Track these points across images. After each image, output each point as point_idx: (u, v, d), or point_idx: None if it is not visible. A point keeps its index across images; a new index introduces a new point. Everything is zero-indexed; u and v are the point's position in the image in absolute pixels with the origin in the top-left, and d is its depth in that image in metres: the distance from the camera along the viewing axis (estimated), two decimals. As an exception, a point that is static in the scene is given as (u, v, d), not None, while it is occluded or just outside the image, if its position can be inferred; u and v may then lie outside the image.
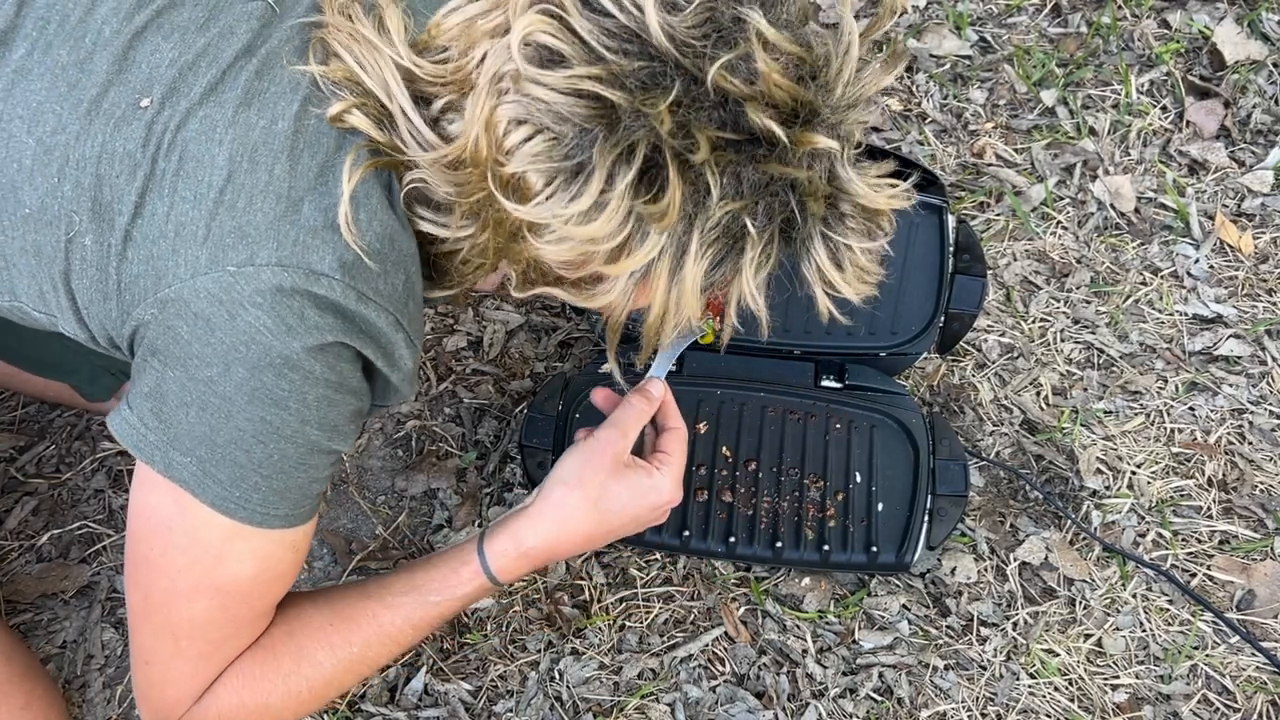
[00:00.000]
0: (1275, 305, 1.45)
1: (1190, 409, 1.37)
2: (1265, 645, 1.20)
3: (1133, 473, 1.33)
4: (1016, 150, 1.60)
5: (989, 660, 1.21)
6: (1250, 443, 1.35)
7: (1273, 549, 1.27)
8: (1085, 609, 1.24)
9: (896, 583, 1.26)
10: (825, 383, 1.30)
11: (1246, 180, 1.55)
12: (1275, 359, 1.41)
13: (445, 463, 1.36)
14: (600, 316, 0.81)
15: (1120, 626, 1.23)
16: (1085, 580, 1.26)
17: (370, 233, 0.76)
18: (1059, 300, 1.47)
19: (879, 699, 1.19)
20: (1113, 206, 1.54)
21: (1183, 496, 1.31)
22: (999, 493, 1.33)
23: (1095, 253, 1.50)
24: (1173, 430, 1.36)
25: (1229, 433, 1.35)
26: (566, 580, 1.27)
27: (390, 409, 1.40)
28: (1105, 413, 1.37)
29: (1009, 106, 1.65)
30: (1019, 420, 1.37)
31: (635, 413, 0.99)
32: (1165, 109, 1.62)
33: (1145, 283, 1.48)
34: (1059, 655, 1.21)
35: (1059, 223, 1.53)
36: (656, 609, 1.25)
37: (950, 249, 1.29)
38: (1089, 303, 1.46)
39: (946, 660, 1.21)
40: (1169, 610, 1.24)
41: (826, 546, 1.20)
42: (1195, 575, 1.26)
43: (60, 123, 0.76)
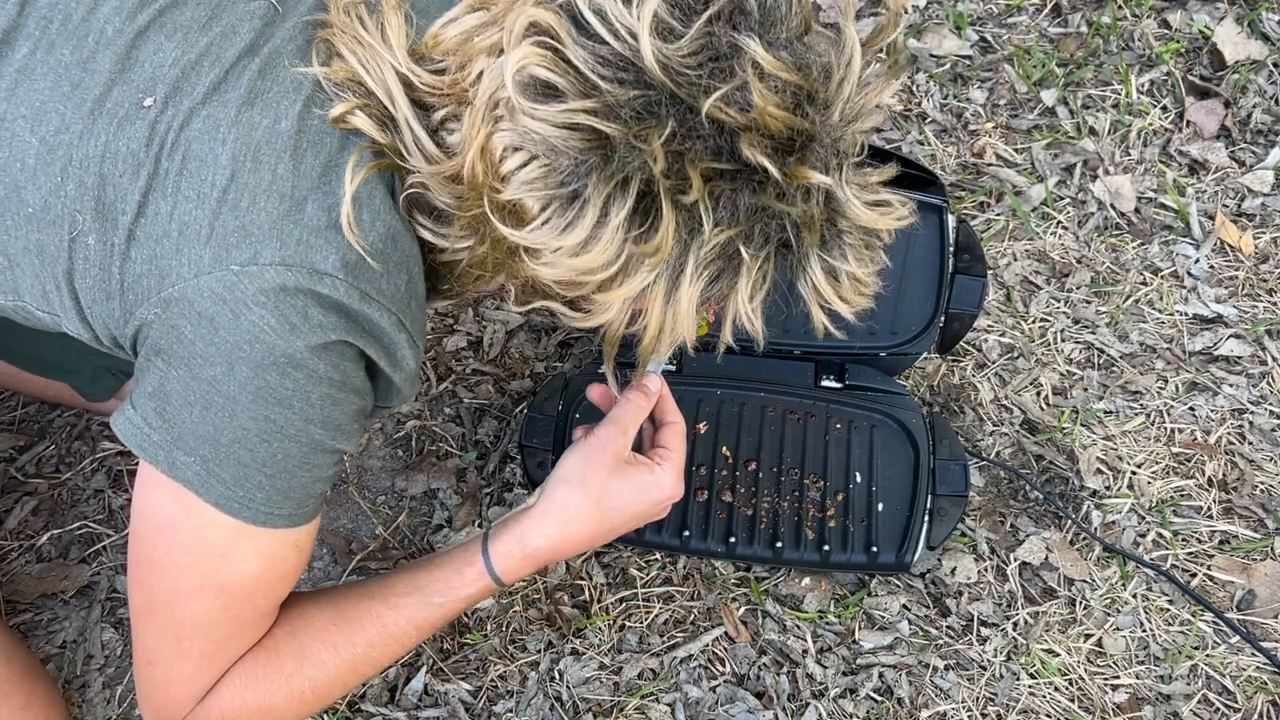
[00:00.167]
0: (1275, 305, 1.45)
1: (1190, 409, 1.37)
2: (1265, 645, 1.21)
3: (1133, 473, 1.33)
4: (1016, 150, 1.60)
5: (989, 660, 1.21)
6: (1250, 443, 1.35)
7: (1273, 549, 1.27)
8: (1085, 609, 1.24)
9: (896, 583, 1.26)
10: (825, 383, 1.30)
11: (1247, 180, 1.55)
12: (1275, 359, 1.41)
13: (445, 463, 1.36)
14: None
15: (1120, 626, 1.23)
16: (1085, 580, 1.26)
17: (373, 233, 0.76)
18: (1059, 300, 1.47)
19: (879, 699, 1.19)
20: (1113, 206, 1.54)
21: (1183, 496, 1.31)
22: (999, 493, 1.33)
23: (1095, 253, 1.50)
24: (1173, 430, 1.36)
25: (1229, 433, 1.35)
26: (566, 580, 1.27)
27: (391, 410, 1.40)
28: (1105, 413, 1.37)
29: (1009, 106, 1.65)
30: (1019, 420, 1.38)
31: (633, 409, 1.00)
32: (1165, 109, 1.62)
33: (1145, 283, 1.48)
34: (1059, 655, 1.21)
35: (1059, 223, 1.53)
36: (656, 609, 1.25)
37: (950, 249, 1.29)
38: (1089, 303, 1.46)
39: (947, 660, 1.21)
40: (1169, 610, 1.24)
41: (826, 546, 1.20)
42: (1195, 575, 1.26)
43: (63, 122, 0.77)
